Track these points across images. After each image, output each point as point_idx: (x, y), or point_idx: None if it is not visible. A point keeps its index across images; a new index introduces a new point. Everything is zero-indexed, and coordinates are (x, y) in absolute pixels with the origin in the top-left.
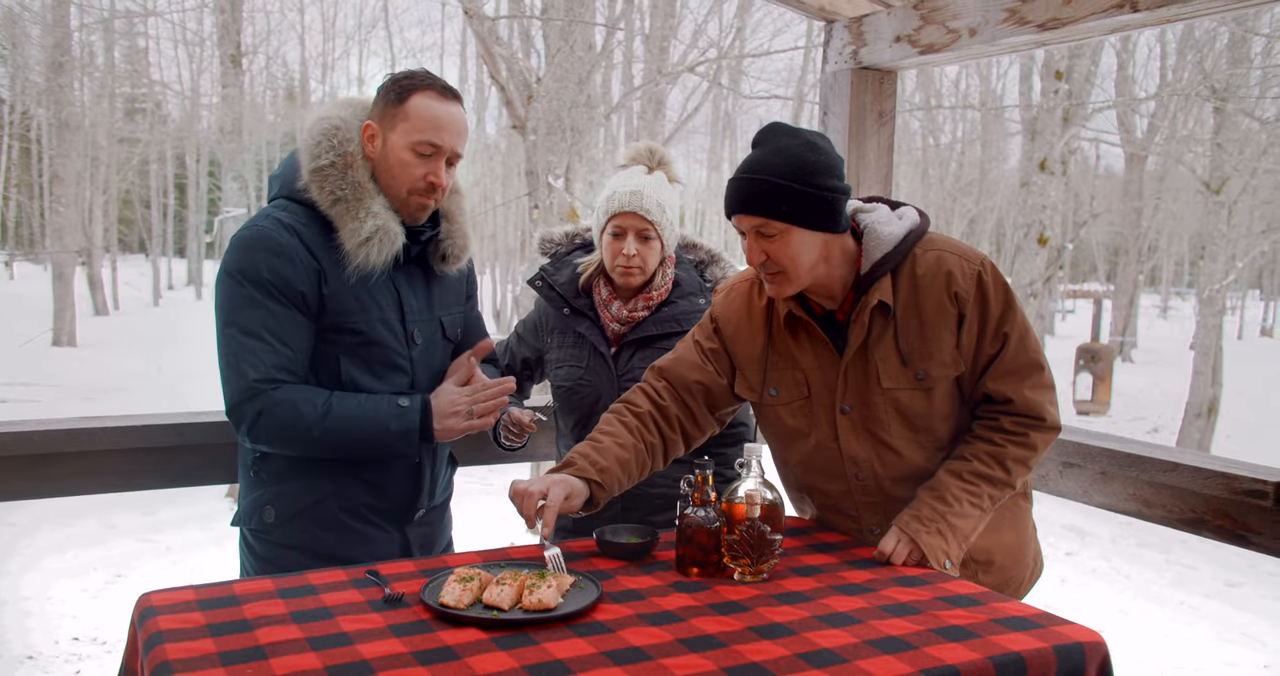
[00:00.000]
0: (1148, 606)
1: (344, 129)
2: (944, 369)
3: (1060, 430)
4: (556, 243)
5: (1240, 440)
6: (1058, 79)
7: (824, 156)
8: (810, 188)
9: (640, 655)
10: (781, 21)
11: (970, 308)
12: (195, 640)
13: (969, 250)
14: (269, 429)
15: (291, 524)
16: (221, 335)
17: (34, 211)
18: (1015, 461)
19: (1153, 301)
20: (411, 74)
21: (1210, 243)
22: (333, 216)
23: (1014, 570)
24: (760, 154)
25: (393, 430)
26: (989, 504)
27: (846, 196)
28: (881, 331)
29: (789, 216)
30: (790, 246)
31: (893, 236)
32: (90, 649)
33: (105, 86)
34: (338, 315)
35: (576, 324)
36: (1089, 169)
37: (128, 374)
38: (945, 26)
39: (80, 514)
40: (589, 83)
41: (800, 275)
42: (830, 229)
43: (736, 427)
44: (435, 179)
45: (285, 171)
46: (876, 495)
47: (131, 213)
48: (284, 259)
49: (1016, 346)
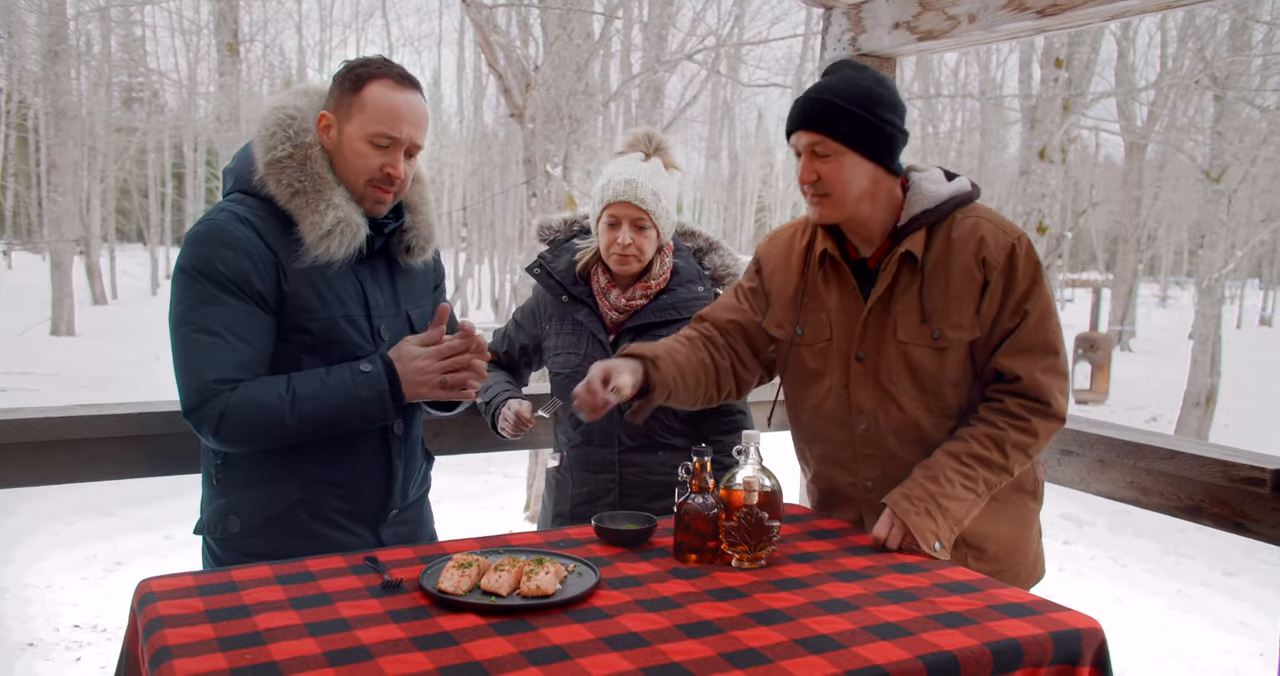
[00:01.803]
0: (1144, 594)
1: (300, 118)
2: (959, 332)
3: (1065, 422)
4: (555, 229)
5: (1239, 429)
6: (1057, 67)
7: (889, 93)
8: (870, 115)
9: (638, 641)
10: (780, 9)
11: (996, 276)
12: (194, 625)
13: (1009, 224)
14: (236, 428)
15: (258, 533)
16: (176, 334)
17: (31, 201)
18: (1015, 447)
19: (1152, 290)
20: (367, 61)
21: (1210, 231)
22: (291, 210)
23: (1007, 562)
24: (828, 80)
25: (364, 397)
26: (983, 488)
27: (903, 137)
28: (907, 284)
29: (844, 138)
30: (842, 170)
31: (937, 195)
32: (91, 636)
33: (102, 75)
34: (300, 312)
35: (575, 311)
36: (1088, 157)
37: (126, 363)
38: (944, 13)
39: (80, 502)
40: (587, 71)
41: (845, 202)
42: (882, 161)
43: (734, 415)
44: (393, 171)
45: (239, 165)
46: (875, 448)
47: (129, 202)
48: (240, 253)
49: (1035, 324)
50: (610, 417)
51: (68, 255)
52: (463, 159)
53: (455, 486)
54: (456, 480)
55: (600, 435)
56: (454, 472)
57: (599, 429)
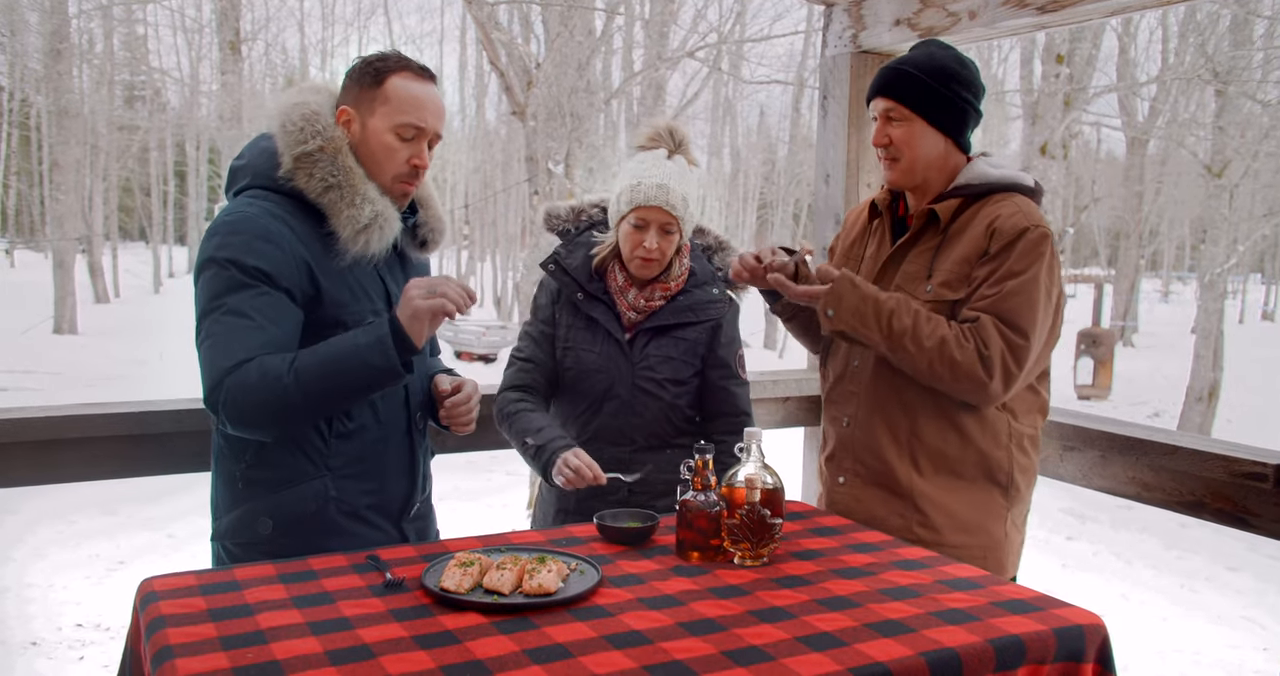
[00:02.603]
0: (1147, 590)
1: (322, 114)
2: (947, 290)
3: (985, 391)
4: (563, 219)
5: (1241, 424)
6: (1059, 63)
7: (967, 72)
8: (944, 88)
9: (640, 638)
10: (781, 6)
11: (996, 246)
12: (197, 624)
13: (1038, 216)
14: (239, 401)
15: (289, 533)
16: (204, 321)
17: (34, 199)
18: (937, 339)
19: (1154, 286)
20: (384, 55)
21: (1212, 226)
22: (324, 205)
23: (957, 540)
24: (911, 53)
25: (361, 342)
26: (893, 323)
27: (977, 114)
28: (928, 242)
29: (916, 106)
30: (913, 136)
31: (985, 175)
32: (94, 635)
33: (104, 74)
34: (334, 307)
35: (590, 308)
36: (1090, 153)
37: (129, 361)
38: (945, 9)
39: (83, 501)
40: (589, 68)
41: (914, 167)
42: (951, 132)
43: (739, 416)
44: (419, 161)
45: (257, 160)
46: (859, 385)
47: (132, 200)
48: (273, 245)
49: (1011, 298)
50: (625, 417)
51: (70, 254)
52: (465, 157)
53: (458, 484)
54: (459, 478)
55: (612, 433)
56: (457, 470)
57: (611, 428)
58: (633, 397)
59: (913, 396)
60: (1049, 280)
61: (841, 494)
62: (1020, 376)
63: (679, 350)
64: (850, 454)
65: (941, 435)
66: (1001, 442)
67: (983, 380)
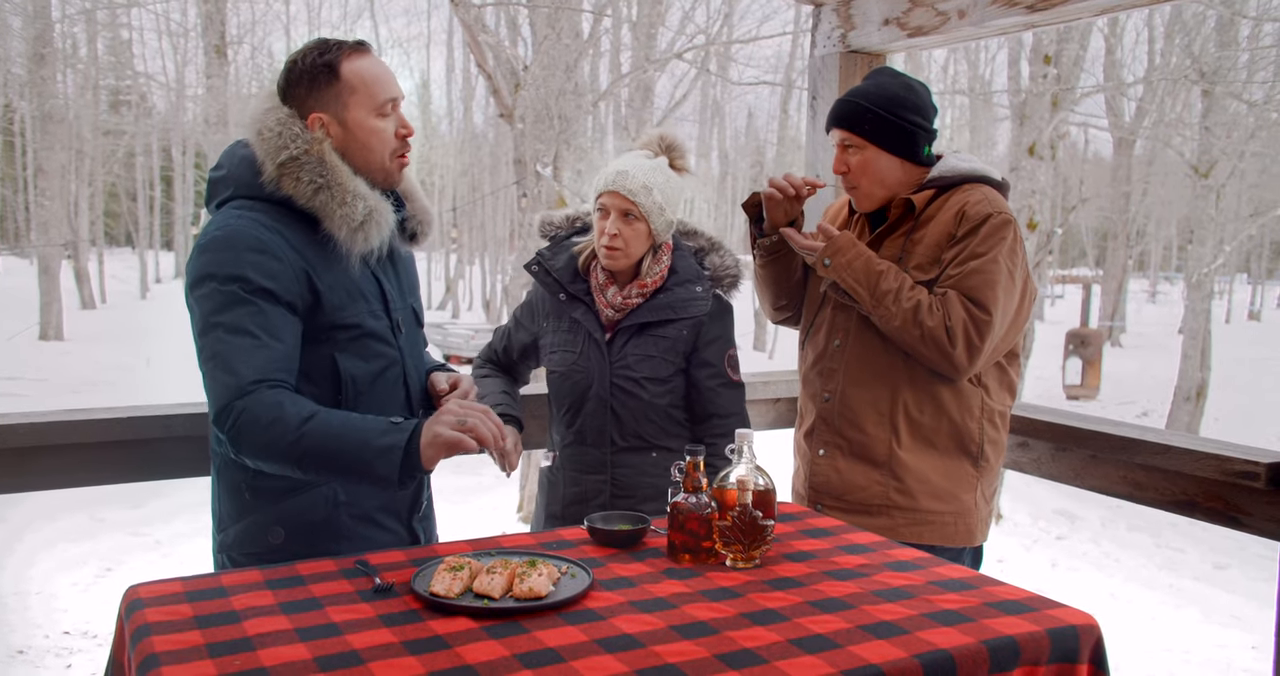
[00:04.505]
0: (1137, 589)
1: (294, 120)
2: (919, 273)
3: (951, 360)
4: (557, 225)
5: (1228, 423)
6: (1046, 63)
7: (915, 97)
8: (893, 116)
9: (632, 642)
10: (770, 7)
11: (963, 230)
12: (183, 632)
13: (1003, 205)
14: (245, 433)
15: (301, 541)
16: (206, 339)
17: (18, 205)
18: (913, 303)
19: (1141, 286)
20: (318, 49)
21: (1198, 227)
22: (315, 207)
23: (926, 502)
24: (861, 85)
25: (374, 445)
26: (880, 282)
27: (928, 135)
28: (901, 233)
29: (869, 135)
30: (868, 163)
31: (957, 168)
32: (81, 642)
33: (89, 78)
34: (334, 311)
35: (572, 309)
36: (1077, 154)
37: (116, 367)
38: (934, 9)
39: (69, 507)
40: (576, 70)
41: (873, 192)
42: (905, 155)
43: (728, 418)
44: (405, 130)
45: (238, 170)
46: (837, 362)
47: (117, 205)
48: (269, 257)
49: (975, 275)
50: (603, 416)
51: (56, 259)
52: (453, 160)
53: (448, 485)
54: (449, 479)
55: (593, 435)
56: (446, 471)
57: (592, 428)
58: (611, 397)
59: (892, 371)
60: (1010, 262)
61: (822, 465)
62: (984, 349)
63: (659, 348)
64: (830, 427)
65: (919, 406)
66: (975, 416)
67: (946, 348)
